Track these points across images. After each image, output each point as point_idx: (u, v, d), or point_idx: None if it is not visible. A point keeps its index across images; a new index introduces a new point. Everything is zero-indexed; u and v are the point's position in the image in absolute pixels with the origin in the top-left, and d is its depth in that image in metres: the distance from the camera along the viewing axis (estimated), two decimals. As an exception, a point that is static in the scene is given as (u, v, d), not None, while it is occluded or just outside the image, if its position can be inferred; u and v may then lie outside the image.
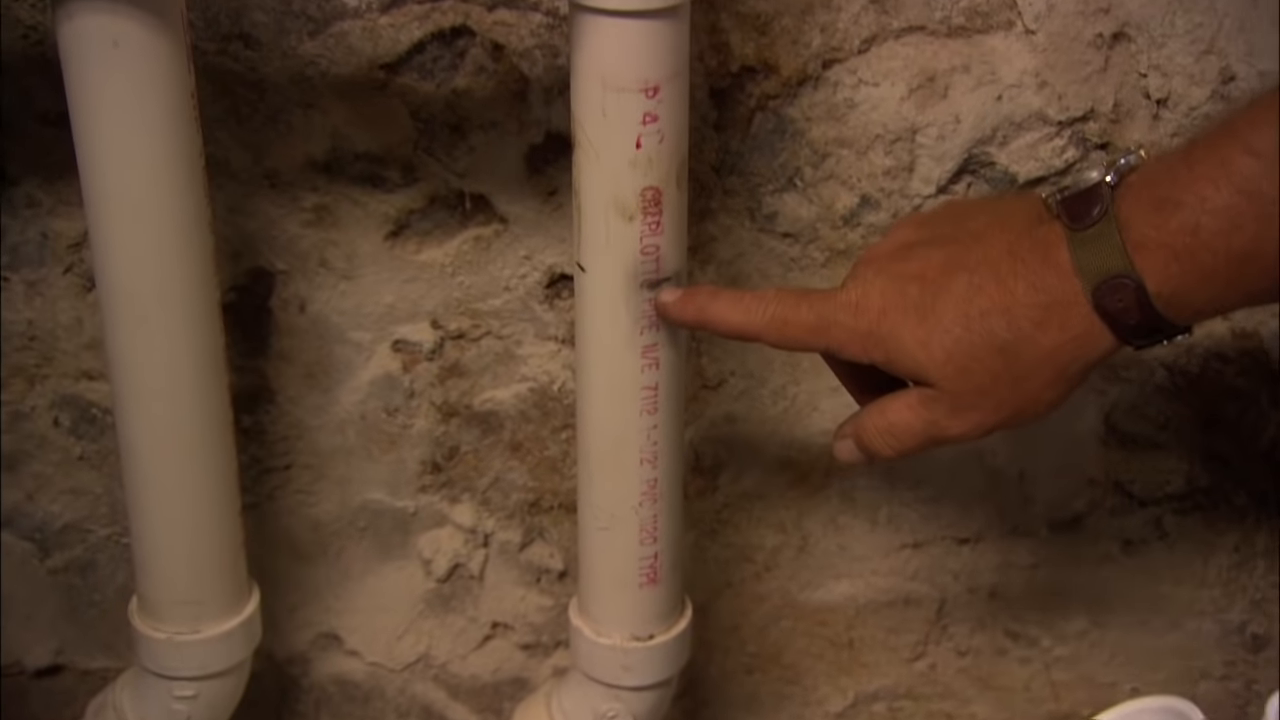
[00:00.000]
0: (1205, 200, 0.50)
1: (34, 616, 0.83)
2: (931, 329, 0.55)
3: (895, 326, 0.56)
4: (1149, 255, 0.52)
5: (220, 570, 0.70)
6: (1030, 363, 0.54)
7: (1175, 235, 0.51)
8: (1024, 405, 0.56)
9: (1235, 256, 0.50)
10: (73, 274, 0.74)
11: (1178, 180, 0.51)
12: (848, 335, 0.57)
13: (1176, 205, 0.51)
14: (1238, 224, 0.50)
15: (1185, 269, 0.51)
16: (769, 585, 0.84)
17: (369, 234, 0.73)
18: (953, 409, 0.56)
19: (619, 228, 0.61)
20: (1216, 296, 0.52)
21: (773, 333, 0.59)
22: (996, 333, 0.54)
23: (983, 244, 0.56)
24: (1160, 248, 0.52)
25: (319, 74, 0.69)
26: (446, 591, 0.83)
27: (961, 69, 0.70)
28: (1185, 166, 0.51)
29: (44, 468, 0.78)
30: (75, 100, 0.59)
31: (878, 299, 0.57)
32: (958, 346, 0.55)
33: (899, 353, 0.56)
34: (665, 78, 0.58)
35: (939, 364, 0.55)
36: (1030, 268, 0.54)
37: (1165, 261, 0.52)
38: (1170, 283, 0.52)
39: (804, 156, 0.72)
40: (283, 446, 0.78)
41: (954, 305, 0.55)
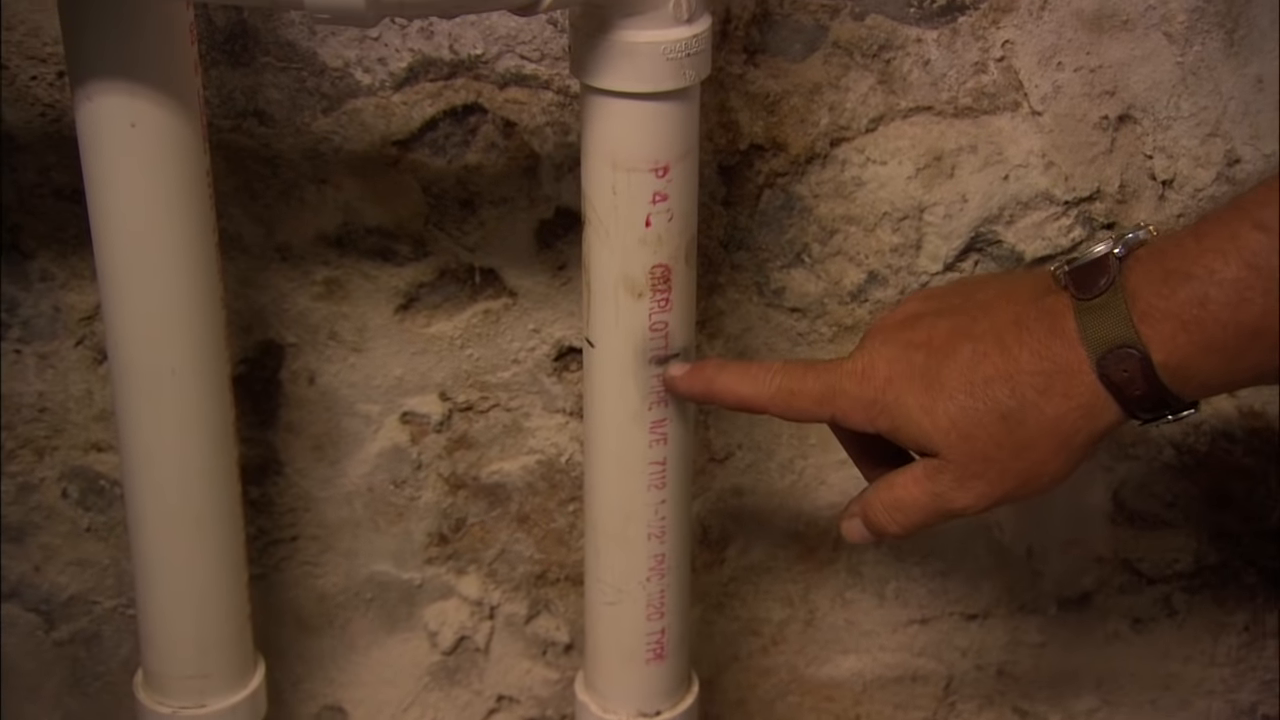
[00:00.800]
0: (1214, 273, 0.51)
1: (39, 689, 0.82)
2: (936, 396, 0.55)
3: (900, 394, 0.56)
4: (1155, 325, 0.52)
5: (227, 644, 0.69)
6: (1034, 431, 0.54)
7: (1183, 306, 0.51)
8: (1029, 476, 0.56)
9: (1243, 330, 0.51)
10: (84, 346, 0.74)
11: (1186, 253, 0.52)
12: (853, 404, 0.57)
13: (1185, 277, 0.51)
14: (1246, 297, 0.50)
15: (1192, 340, 0.51)
16: (776, 659, 0.83)
17: (379, 307, 0.74)
18: (957, 480, 0.56)
19: (628, 304, 0.61)
20: (1223, 370, 0.52)
21: (779, 404, 0.59)
22: (1000, 399, 0.54)
23: (990, 314, 0.56)
24: (1167, 318, 0.52)
25: (332, 150, 0.70)
26: (452, 664, 0.82)
27: (969, 149, 0.70)
28: (1194, 240, 0.52)
29: (51, 539, 0.78)
30: (91, 178, 0.59)
31: (884, 367, 0.57)
32: (961, 413, 0.55)
33: (904, 420, 0.56)
34: (675, 158, 0.59)
35: (943, 431, 0.55)
36: (1036, 336, 0.54)
37: (1172, 332, 0.52)
38: (1176, 354, 0.52)
39: (812, 233, 0.72)
40: (290, 518, 0.78)
41: (959, 372, 0.55)
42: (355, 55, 0.68)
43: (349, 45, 0.68)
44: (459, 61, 0.68)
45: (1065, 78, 0.69)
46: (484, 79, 0.69)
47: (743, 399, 0.60)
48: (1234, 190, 0.70)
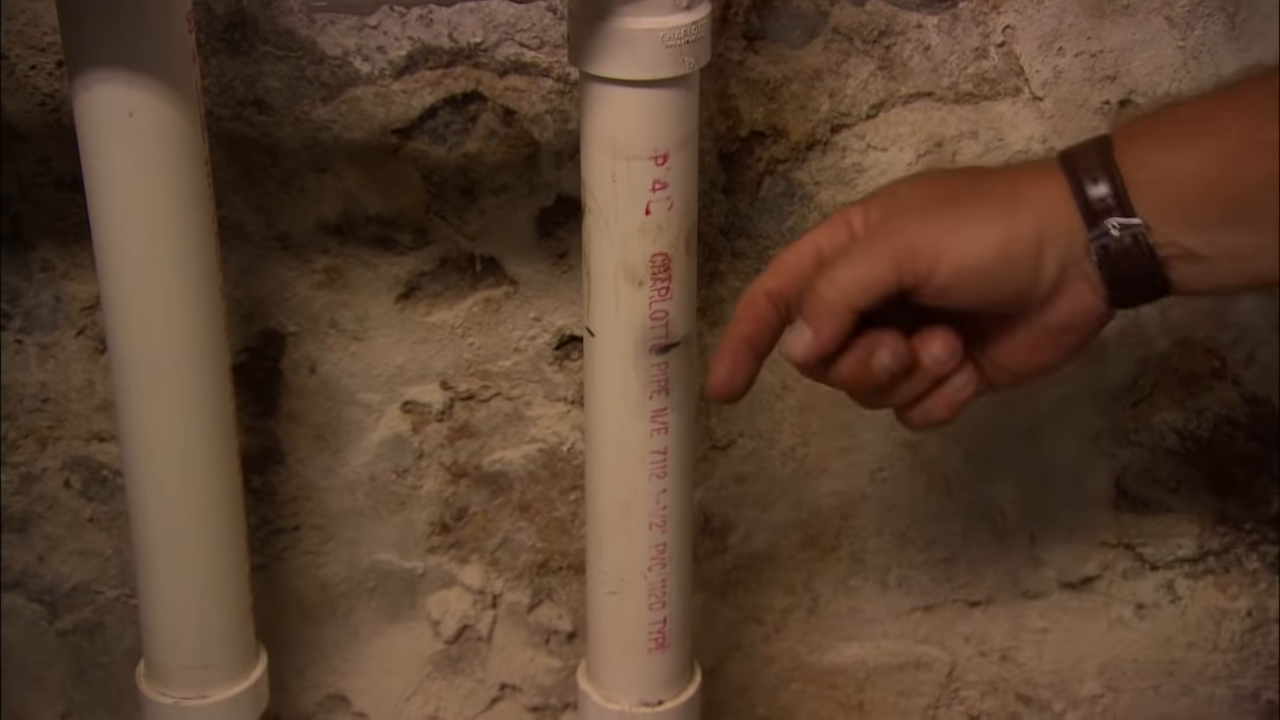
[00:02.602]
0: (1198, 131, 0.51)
1: (42, 679, 0.82)
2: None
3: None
4: (1127, 140, 0.53)
5: (229, 634, 0.69)
6: (979, 191, 0.54)
7: (1155, 130, 0.52)
8: (948, 241, 0.53)
9: (1218, 152, 0.51)
10: (85, 336, 0.74)
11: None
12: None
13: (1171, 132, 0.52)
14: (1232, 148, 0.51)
15: (1155, 143, 0.52)
16: (778, 647, 0.83)
17: (380, 296, 0.74)
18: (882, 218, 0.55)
19: (628, 293, 0.61)
20: (1188, 177, 0.51)
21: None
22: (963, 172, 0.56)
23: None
24: (1139, 137, 0.53)
25: (332, 139, 0.70)
26: (455, 653, 0.82)
27: (969, 135, 0.70)
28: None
29: (54, 529, 0.79)
30: (90, 167, 0.59)
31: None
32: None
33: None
34: (675, 145, 0.58)
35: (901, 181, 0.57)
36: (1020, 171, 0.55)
37: (1140, 142, 0.52)
38: (1136, 146, 0.52)
39: (812, 220, 0.72)
40: (292, 508, 0.78)
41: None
42: (354, 43, 0.68)
43: (348, 33, 0.68)
44: (458, 49, 0.68)
45: (1066, 63, 0.69)
46: (483, 67, 0.68)
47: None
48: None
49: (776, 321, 0.57)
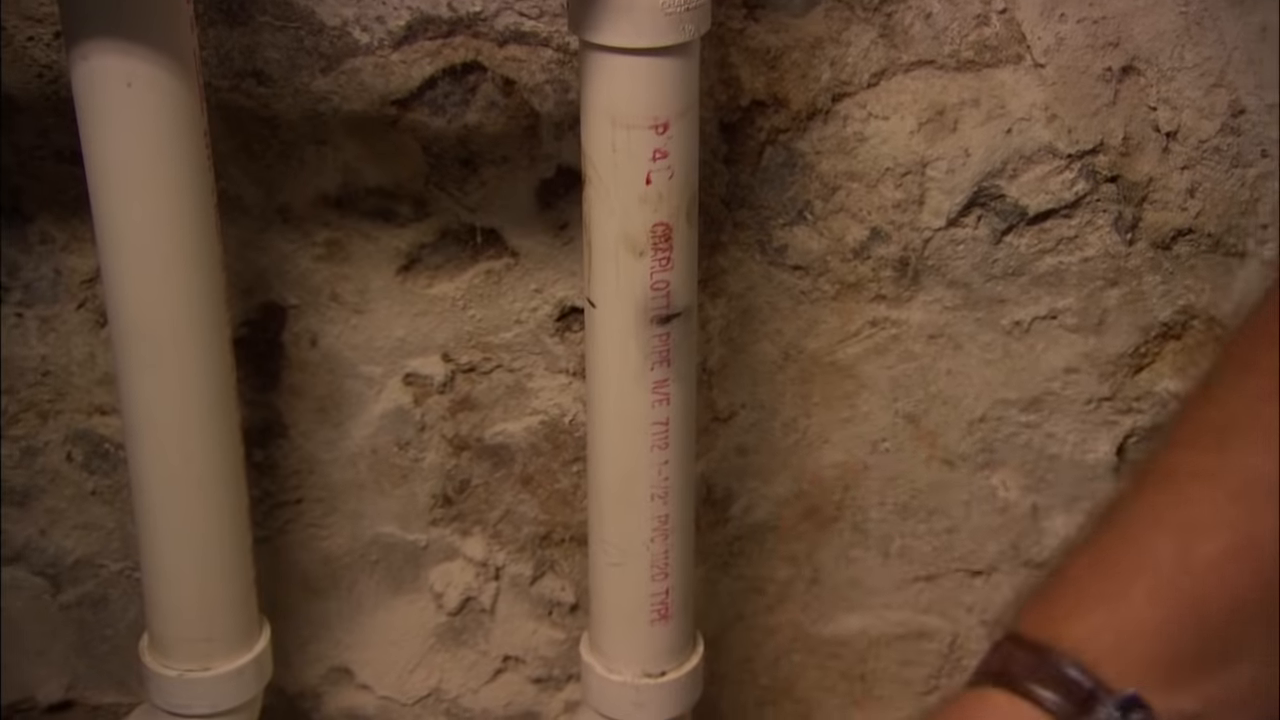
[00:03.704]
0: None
1: (46, 652, 0.83)
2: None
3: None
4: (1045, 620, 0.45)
5: (231, 606, 0.70)
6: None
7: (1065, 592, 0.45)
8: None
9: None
10: (85, 309, 0.74)
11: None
12: None
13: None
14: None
15: (1084, 603, 0.44)
16: (780, 618, 0.83)
17: (380, 268, 0.74)
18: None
19: (629, 263, 0.61)
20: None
21: None
22: None
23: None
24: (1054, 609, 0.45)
25: (331, 110, 0.69)
26: (458, 625, 0.82)
27: (971, 103, 0.70)
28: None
29: (56, 503, 0.79)
30: (88, 139, 0.59)
31: None
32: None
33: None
34: (675, 114, 0.58)
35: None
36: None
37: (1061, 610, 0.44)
38: (1063, 619, 0.44)
39: (814, 190, 0.72)
40: (294, 481, 0.78)
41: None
42: (353, 13, 0.68)
43: (347, 3, 0.67)
44: (457, 19, 0.68)
45: (1068, 29, 0.68)
46: (483, 37, 0.68)
47: None
48: (1238, 141, 0.70)
49: None
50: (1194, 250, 0.73)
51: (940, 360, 0.76)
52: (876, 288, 0.74)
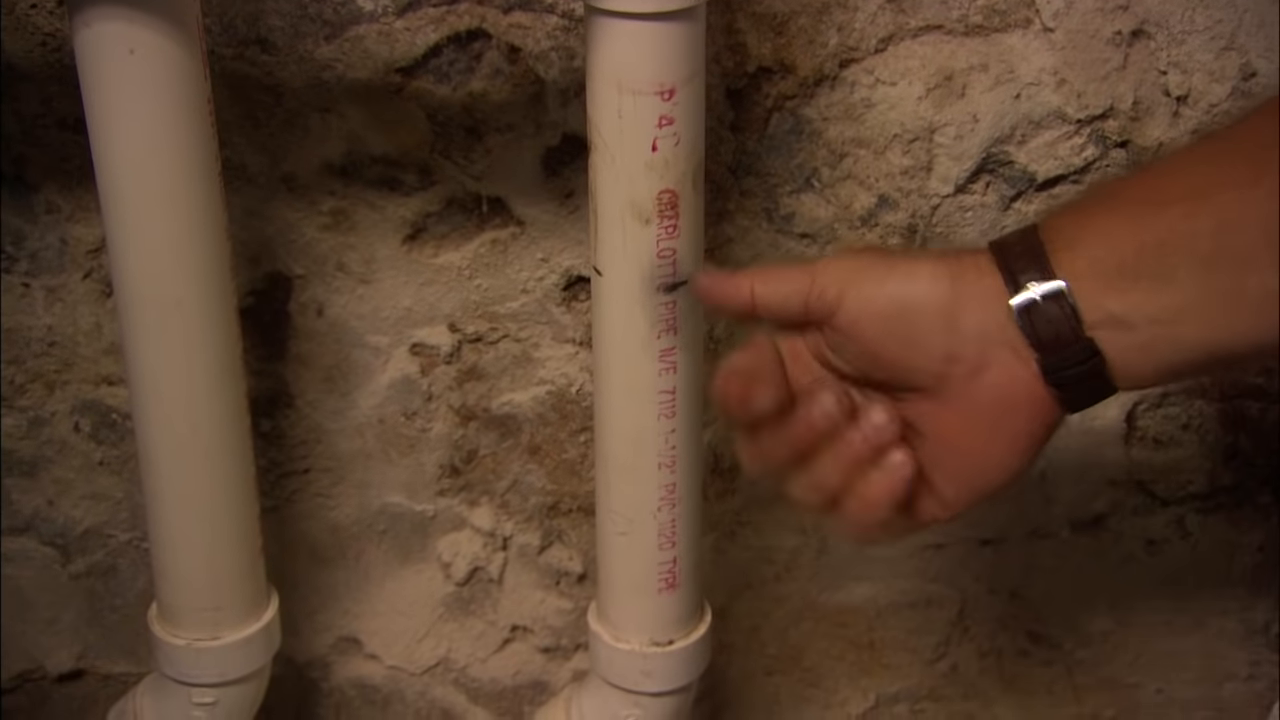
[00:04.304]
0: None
1: (56, 621, 0.83)
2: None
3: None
4: (1049, 219, 0.52)
5: (239, 576, 0.70)
6: (909, 254, 0.55)
7: (1074, 206, 0.52)
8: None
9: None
10: (92, 279, 0.74)
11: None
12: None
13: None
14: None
15: (1073, 214, 0.51)
16: (789, 587, 0.83)
17: (386, 238, 0.73)
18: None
19: (635, 231, 0.60)
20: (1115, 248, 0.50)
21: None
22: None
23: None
24: (1060, 214, 0.52)
25: (335, 78, 0.69)
26: (466, 595, 0.83)
27: (979, 68, 0.69)
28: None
29: (65, 473, 0.79)
30: (92, 106, 0.59)
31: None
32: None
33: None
34: (681, 80, 0.58)
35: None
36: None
37: (1061, 218, 0.52)
38: (1057, 220, 0.51)
39: (821, 157, 0.72)
40: (301, 450, 0.78)
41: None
42: (357, -19, 0.67)
43: (350, -30, 0.67)
44: (462, -14, 0.67)
45: (1078, -7, 0.68)
46: (487, 3, 0.68)
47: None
48: (1249, 105, 0.69)
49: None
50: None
51: (948, 328, 0.75)
52: (884, 255, 0.74)
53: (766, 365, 0.55)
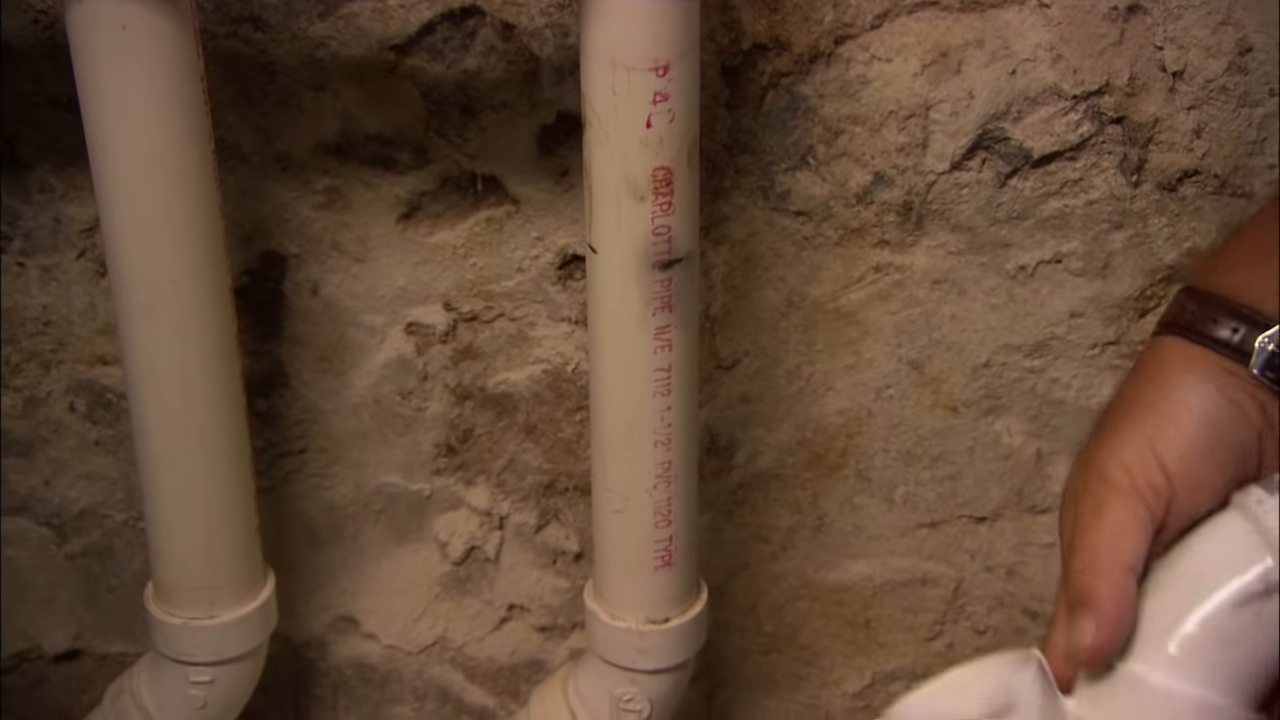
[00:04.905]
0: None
1: (52, 601, 0.83)
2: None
3: None
4: (1207, 279, 0.52)
5: (235, 555, 0.70)
6: (1131, 396, 0.51)
7: (1230, 255, 0.52)
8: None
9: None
10: (86, 259, 0.74)
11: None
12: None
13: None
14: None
15: (1243, 262, 0.51)
16: (785, 565, 0.84)
17: (381, 216, 0.73)
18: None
19: (630, 208, 0.60)
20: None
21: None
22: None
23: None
24: (1217, 270, 0.52)
25: (329, 56, 0.69)
26: (463, 574, 0.83)
27: (975, 44, 0.69)
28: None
29: (60, 453, 0.79)
30: (84, 84, 0.59)
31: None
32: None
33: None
34: (676, 56, 0.58)
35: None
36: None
37: (1222, 272, 0.51)
38: (1223, 275, 0.50)
39: (817, 134, 0.71)
40: (297, 430, 0.78)
41: None
42: (350, -42, 0.67)
43: (343, -53, 0.67)
44: (455, -38, 0.67)
45: (1074, -32, 0.68)
46: (481, -20, 0.67)
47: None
48: (1245, 80, 0.69)
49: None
50: (1200, 192, 0.72)
51: (944, 306, 0.76)
52: (880, 233, 0.74)
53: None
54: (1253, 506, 0.46)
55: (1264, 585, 0.45)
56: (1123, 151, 0.71)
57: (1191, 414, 0.49)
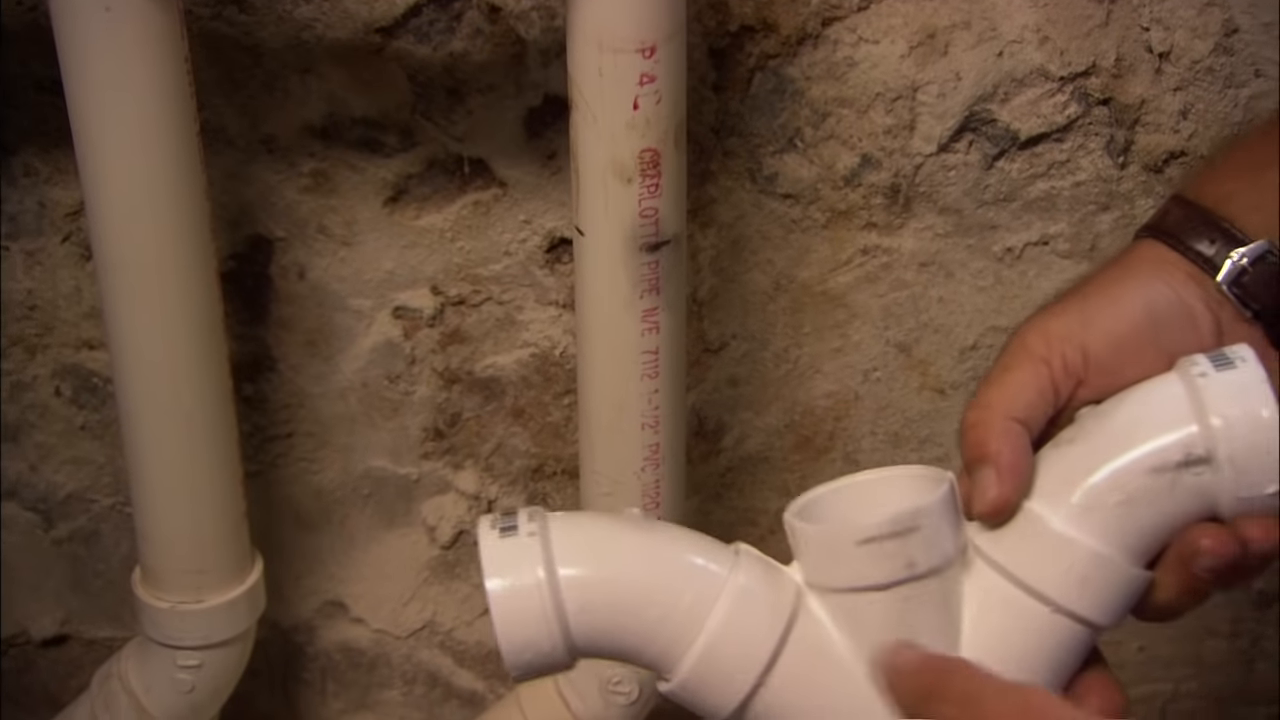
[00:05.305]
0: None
1: (40, 587, 0.83)
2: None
3: None
4: (1197, 188, 0.51)
5: (223, 539, 0.70)
6: (1089, 283, 0.51)
7: (1222, 167, 0.51)
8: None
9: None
10: (71, 243, 0.74)
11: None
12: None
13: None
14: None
15: (1232, 174, 0.50)
16: (773, 548, 0.83)
17: (367, 200, 0.73)
18: None
19: (617, 190, 0.60)
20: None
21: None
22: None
23: None
24: (1208, 178, 0.51)
25: (315, 38, 0.68)
26: (451, 558, 0.83)
27: (962, 25, 0.69)
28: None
29: (46, 438, 0.78)
30: (67, 66, 0.58)
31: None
32: None
33: None
34: (662, 38, 0.58)
35: None
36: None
37: (1213, 181, 0.50)
38: (1213, 184, 0.50)
39: (804, 116, 0.71)
40: (284, 415, 0.78)
41: None
42: (335, -61, 0.67)
43: (328, -71, 0.66)
44: (441, -56, 0.67)
45: (1060, -51, 0.68)
46: (467, -38, 0.67)
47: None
48: (1231, 61, 0.69)
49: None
50: (1187, 173, 0.72)
51: (932, 288, 0.76)
52: (867, 215, 0.74)
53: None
54: (1194, 376, 0.45)
55: (1183, 454, 0.45)
56: (1109, 133, 0.71)
57: (1136, 306, 0.49)
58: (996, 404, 0.48)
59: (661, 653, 0.46)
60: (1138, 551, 0.46)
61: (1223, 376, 0.45)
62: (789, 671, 0.46)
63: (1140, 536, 0.46)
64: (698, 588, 0.46)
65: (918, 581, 0.45)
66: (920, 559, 0.45)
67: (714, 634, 0.46)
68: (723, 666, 0.46)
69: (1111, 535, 0.45)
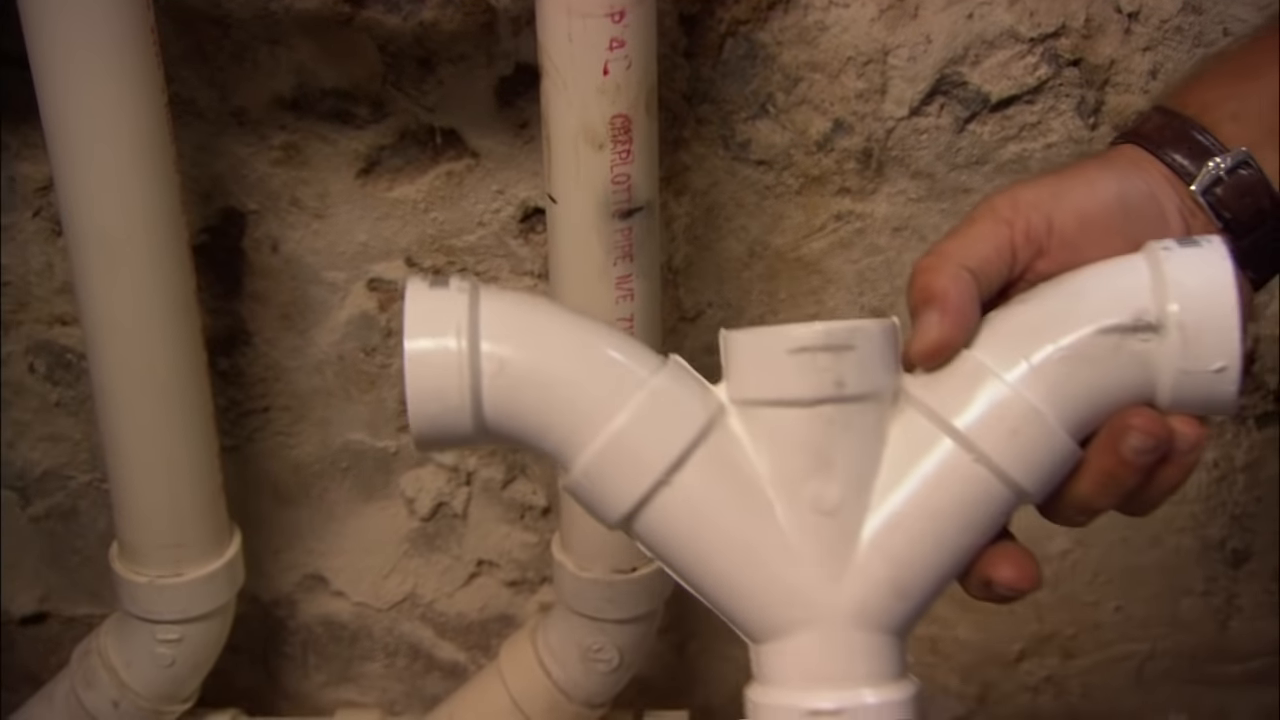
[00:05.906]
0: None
1: (18, 565, 0.83)
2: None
3: None
4: (1179, 97, 0.50)
5: (200, 513, 0.70)
6: (1069, 166, 0.51)
7: (1204, 78, 0.51)
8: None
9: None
10: (41, 218, 0.73)
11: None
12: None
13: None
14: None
15: (1213, 84, 0.50)
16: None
17: (340, 172, 0.73)
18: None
19: (589, 157, 0.60)
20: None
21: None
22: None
23: None
24: (1189, 89, 0.51)
25: (283, 9, 0.68)
26: (431, 530, 0.83)
27: (932, -12, 0.69)
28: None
29: (21, 415, 0.78)
30: (32, 39, 0.58)
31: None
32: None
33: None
34: (631, 2, 0.57)
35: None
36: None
37: (1194, 91, 0.50)
38: (1194, 93, 0.50)
39: (776, 82, 0.71)
40: (260, 389, 0.78)
41: None
42: (302, -91, 0.66)
43: (295, -102, 0.66)
44: (409, -88, 0.67)
45: (1030, -90, 0.68)
46: (435, -70, 0.67)
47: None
48: (1199, 20, 0.69)
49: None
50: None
51: (906, 253, 0.76)
52: (840, 180, 0.74)
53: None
54: (1158, 251, 0.45)
55: (1133, 317, 0.44)
56: (1080, 94, 0.71)
57: (1110, 191, 0.48)
58: (950, 253, 0.47)
59: (566, 437, 0.44)
60: (1071, 421, 0.45)
61: (1186, 251, 0.45)
62: (693, 480, 0.44)
63: (1076, 402, 0.45)
64: (616, 379, 0.44)
65: (844, 404, 0.44)
66: (850, 380, 0.44)
67: (623, 426, 0.44)
68: (626, 460, 0.44)
69: (1049, 392, 0.44)
